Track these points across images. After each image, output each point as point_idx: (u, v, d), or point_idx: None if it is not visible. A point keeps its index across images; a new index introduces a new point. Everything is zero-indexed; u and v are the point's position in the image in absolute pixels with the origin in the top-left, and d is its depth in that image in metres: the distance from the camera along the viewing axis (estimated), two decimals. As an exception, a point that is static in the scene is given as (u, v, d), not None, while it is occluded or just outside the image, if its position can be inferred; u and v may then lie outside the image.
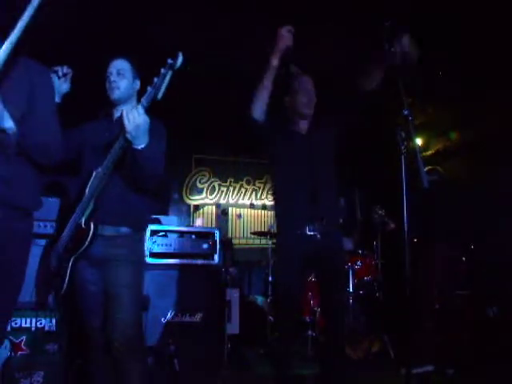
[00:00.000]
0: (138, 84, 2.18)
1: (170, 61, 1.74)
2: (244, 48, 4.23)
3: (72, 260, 1.91)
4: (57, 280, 1.95)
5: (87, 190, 1.91)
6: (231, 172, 6.08)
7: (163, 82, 1.75)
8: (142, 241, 2.15)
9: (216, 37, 4.03)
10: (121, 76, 2.10)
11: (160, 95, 1.75)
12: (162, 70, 1.75)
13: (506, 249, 3.99)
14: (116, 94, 2.09)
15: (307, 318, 4.11)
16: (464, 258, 3.85)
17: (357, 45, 3.80)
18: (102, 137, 2.06)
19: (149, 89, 1.78)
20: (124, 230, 2.02)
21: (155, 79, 1.76)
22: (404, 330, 3.27)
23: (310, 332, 4.03)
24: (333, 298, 2.34)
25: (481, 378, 3.14)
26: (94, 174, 1.93)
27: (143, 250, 2.21)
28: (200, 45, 4.17)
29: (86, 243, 1.88)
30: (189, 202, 5.84)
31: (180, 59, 1.74)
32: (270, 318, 4.18)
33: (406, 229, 1.90)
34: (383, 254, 4.43)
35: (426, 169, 3.84)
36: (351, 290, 4.09)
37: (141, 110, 1.75)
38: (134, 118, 1.74)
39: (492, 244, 4.15)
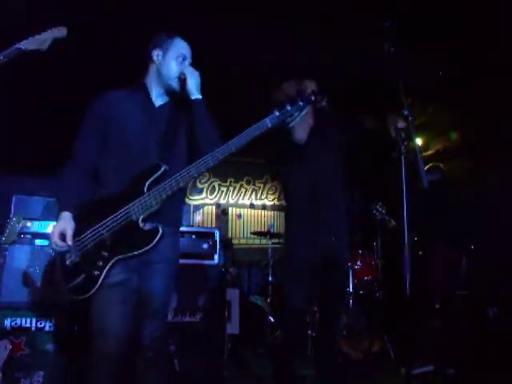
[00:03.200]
0: None
1: (311, 97, 1.75)
2: (244, 48, 4.23)
3: (114, 261, 1.67)
4: (77, 278, 1.68)
5: (146, 187, 1.69)
6: (231, 172, 6.08)
7: (300, 113, 1.81)
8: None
9: (217, 37, 4.03)
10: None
11: (292, 124, 1.83)
12: (300, 102, 1.73)
13: (507, 249, 3.99)
14: (179, 86, 1.88)
15: (307, 318, 4.11)
16: (464, 258, 3.85)
17: (356, 45, 3.81)
18: (143, 122, 1.85)
19: (276, 112, 1.73)
20: (170, 229, 1.83)
21: (288, 106, 1.73)
22: (404, 329, 3.28)
23: (309, 332, 4.03)
24: (331, 300, 2.36)
25: (481, 378, 3.14)
26: (162, 168, 1.72)
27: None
28: (200, 44, 4.17)
29: (148, 247, 1.67)
30: (189, 201, 5.84)
31: (325, 98, 1.83)
32: (270, 318, 4.17)
33: (406, 229, 1.90)
34: (383, 254, 4.43)
35: (427, 167, 3.84)
36: (351, 290, 4.08)
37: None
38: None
39: (492, 244, 4.14)
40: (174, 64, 1.86)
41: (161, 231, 1.68)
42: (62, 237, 1.70)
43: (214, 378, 3.01)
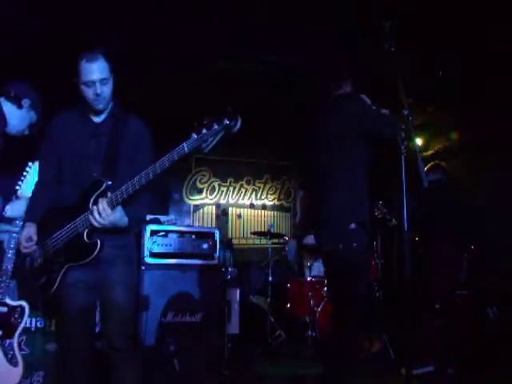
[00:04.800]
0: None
1: (226, 121, 1.63)
2: (244, 49, 4.24)
3: (66, 267, 1.88)
4: (42, 279, 1.94)
5: (91, 203, 1.83)
6: (231, 172, 6.08)
7: (214, 138, 1.64)
8: (136, 238, 2.17)
9: (218, 37, 4.03)
10: (104, 82, 1.88)
11: (207, 150, 1.66)
12: (215, 126, 1.63)
13: (507, 249, 3.99)
14: (102, 105, 1.93)
15: (307, 318, 4.11)
16: (464, 258, 3.85)
17: (357, 45, 3.81)
18: (87, 143, 1.97)
19: (194, 135, 1.64)
20: (117, 235, 1.96)
21: (204, 130, 1.63)
22: (404, 329, 3.28)
23: (310, 332, 4.03)
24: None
25: (481, 377, 3.14)
26: (104, 185, 1.84)
27: (137, 249, 2.21)
28: (200, 44, 4.17)
29: (89, 258, 1.84)
30: (189, 202, 5.84)
31: (239, 124, 1.65)
32: (270, 318, 4.17)
33: (406, 229, 1.90)
34: (383, 254, 4.43)
35: (429, 165, 3.84)
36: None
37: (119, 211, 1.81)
38: (108, 216, 1.77)
39: (492, 244, 4.14)
40: (84, 89, 1.89)
41: (99, 245, 1.84)
42: (29, 241, 1.97)
43: (213, 378, 3.01)
